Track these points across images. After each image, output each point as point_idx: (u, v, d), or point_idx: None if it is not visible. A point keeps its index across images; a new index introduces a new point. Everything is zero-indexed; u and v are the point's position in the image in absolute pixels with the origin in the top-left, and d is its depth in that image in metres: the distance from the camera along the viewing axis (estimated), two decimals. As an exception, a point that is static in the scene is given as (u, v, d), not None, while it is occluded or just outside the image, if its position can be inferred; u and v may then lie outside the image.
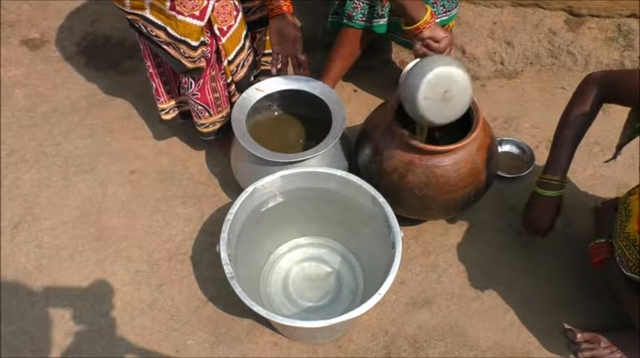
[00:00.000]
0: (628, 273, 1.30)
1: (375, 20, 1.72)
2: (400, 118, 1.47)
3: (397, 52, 2.19)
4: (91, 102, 2.07)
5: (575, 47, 2.13)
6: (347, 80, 2.10)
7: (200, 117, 1.68)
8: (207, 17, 1.41)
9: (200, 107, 1.64)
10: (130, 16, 1.44)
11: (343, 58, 1.87)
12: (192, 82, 1.56)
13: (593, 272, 1.57)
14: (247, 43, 1.60)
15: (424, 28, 1.39)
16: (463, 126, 1.48)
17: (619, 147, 1.47)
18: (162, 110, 1.74)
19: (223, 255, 1.31)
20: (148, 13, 1.39)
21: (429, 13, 1.38)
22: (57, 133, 1.97)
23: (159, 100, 1.71)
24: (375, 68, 2.16)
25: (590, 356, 1.47)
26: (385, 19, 1.72)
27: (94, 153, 1.92)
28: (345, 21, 1.76)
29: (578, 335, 1.48)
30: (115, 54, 2.20)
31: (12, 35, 2.26)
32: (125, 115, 2.02)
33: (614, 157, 1.50)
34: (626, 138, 1.44)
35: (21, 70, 2.17)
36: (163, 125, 1.85)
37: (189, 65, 1.47)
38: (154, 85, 1.66)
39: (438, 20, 1.67)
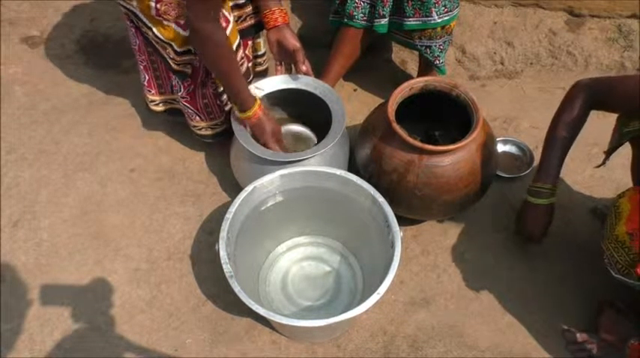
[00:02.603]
0: (617, 275, 1.31)
1: (376, 20, 1.72)
2: (400, 118, 1.47)
3: (397, 52, 2.19)
4: (91, 100, 2.07)
5: (576, 47, 2.13)
6: (347, 79, 2.09)
7: (192, 120, 1.69)
8: None
9: (190, 110, 1.65)
10: (122, 7, 1.47)
11: (344, 57, 1.87)
12: (182, 86, 1.57)
13: (592, 272, 1.58)
14: (239, 54, 1.56)
15: (252, 118, 1.51)
16: (463, 126, 1.48)
17: (608, 153, 1.47)
18: (152, 101, 1.74)
19: (222, 254, 1.31)
20: (137, 10, 1.41)
21: (255, 108, 1.49)
22: (57, 131, 1.97)
23: (150, 92, 1.71)
24: (375, 68, 2.15)
25: (588, 356, 1.47)
26: (386, 19, 1.72)
27: (94, 152, 1.92)
28: (345, 20, 1.76)
29: (577, 336, 1.48)
30: (115, 52, 2.20)
31: (12, 33, 2.26)
32: (125, 114, 2.02)
33: (604, 163, 1.50)
34: (614, 143, 1.44)
35: (21, 67, 2.17)
36: (152, 116, 1.85)
37: (174, 66, 1.51)
38: (147, 77, 1.67)
39: (440, 20, 1.67)
